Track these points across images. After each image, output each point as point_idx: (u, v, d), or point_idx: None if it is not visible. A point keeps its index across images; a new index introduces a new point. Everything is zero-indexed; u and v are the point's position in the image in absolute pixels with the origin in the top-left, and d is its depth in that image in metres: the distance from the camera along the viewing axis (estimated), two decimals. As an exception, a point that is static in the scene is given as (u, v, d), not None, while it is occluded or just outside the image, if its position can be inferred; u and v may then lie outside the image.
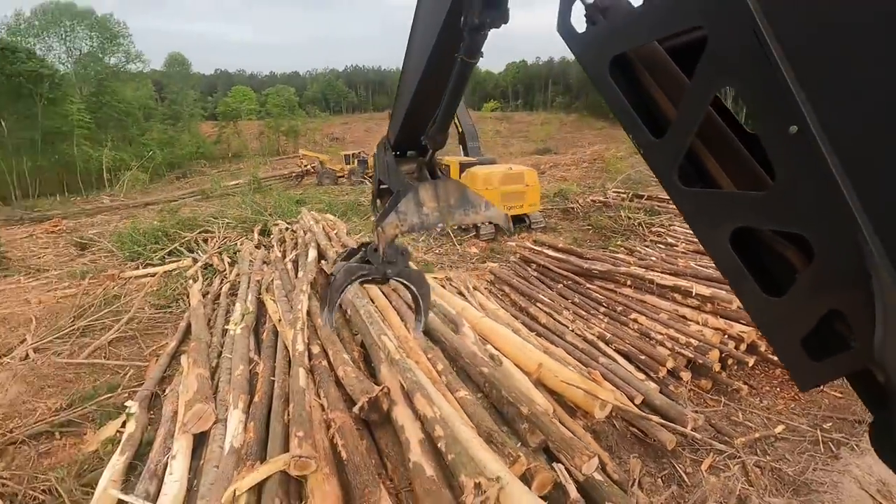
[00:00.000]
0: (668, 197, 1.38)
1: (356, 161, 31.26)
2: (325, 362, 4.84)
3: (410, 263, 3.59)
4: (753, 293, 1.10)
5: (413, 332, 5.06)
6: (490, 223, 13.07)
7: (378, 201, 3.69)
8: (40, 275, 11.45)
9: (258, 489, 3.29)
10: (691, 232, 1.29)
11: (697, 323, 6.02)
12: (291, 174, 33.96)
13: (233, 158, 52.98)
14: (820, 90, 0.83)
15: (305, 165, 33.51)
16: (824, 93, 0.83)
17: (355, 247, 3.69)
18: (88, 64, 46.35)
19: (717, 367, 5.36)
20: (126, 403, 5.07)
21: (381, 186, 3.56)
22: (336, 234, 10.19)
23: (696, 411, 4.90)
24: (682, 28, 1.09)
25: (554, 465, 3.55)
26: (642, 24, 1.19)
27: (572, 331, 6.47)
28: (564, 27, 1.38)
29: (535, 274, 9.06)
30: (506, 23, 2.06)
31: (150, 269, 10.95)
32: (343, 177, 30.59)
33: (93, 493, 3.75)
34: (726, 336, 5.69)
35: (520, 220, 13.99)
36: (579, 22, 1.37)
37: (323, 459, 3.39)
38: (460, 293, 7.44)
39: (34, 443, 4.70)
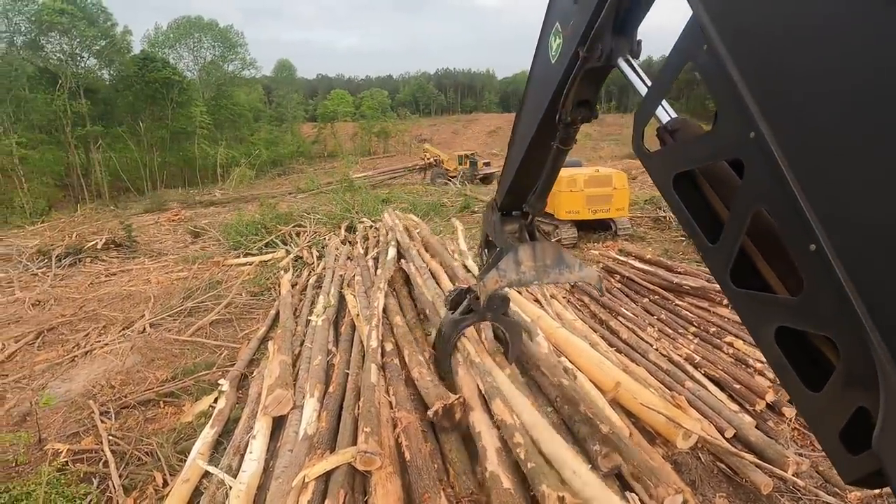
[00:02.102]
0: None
1: (468, 162, 32.04)
2: (396, 360, 4.92)
3: (510, 309, 4.35)
4: (796, 386, 1.21)
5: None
6: (571, 227, 12.67)
7: (485, 251, 4.21)
8: (160, 258, 12.96)
9: (326, 477, 3.41)
10: None
11: (807, 353, 5.30)
12: (415, 166, 36.74)
13: (328, 157, 56.33)
14: (829, 216, 1.02)
15: (428, 159, 35.38)
16: (833, 218, 1.01)
17: (465, 287, 4.60)
18: (211, 71, 51.88)
19: (829, 405, 4.69)
20: (219, 381, 5.55)
21: (488, 239, 4.06)
22: (417, 233, 10.38)
23: (800, 454, 4.31)
24: (730, 158, 1.32)
25: (627, 493, 3.30)
26: (700, 150, 1.44)
27: (656, 350, 6.01)
28: (638, 147, 1.68)
29: (619, 286, 8.56)
30: (596, 118, 2.50)
31: (249, 258, 11.94)
32: (455, 177, 31.42)
33: (185, 461, 4.14)
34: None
35: (605, 226, 13.37)
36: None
37: (388, 457, 3.43)
38: (536, 301, 7.22)
39: (143, 408, 5.29)
